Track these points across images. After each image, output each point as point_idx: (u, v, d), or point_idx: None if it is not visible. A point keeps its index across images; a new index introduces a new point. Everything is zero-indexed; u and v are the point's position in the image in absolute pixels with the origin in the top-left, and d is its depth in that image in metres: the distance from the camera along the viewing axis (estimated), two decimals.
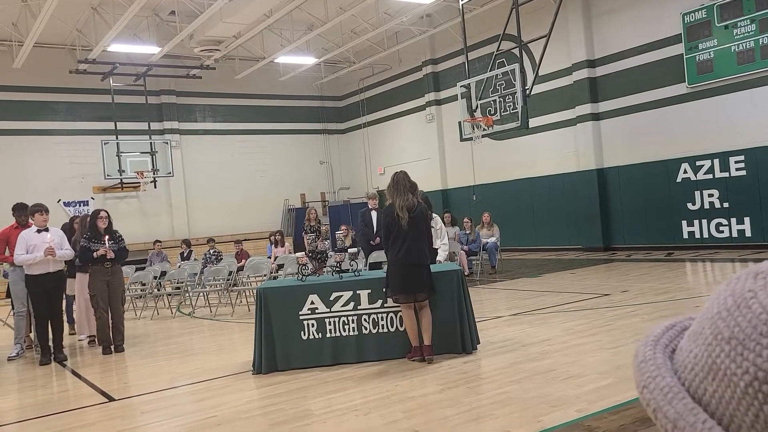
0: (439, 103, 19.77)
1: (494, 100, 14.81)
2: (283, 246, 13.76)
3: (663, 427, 0.51)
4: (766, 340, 0.46)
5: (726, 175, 13.11)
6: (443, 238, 7.71)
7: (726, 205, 13.14)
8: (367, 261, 9.17)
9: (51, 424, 4.89)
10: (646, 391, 0.53)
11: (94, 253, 7.62)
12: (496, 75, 14.42)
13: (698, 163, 13.52)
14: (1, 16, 15.24)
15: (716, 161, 13.23)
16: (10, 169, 17.53)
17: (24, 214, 7.98)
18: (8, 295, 8.25)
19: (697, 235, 13.65)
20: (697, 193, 13.58)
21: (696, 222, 13.66)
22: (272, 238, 14.37)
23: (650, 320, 6.82)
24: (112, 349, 7.76)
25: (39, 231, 7.41)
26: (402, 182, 5.90)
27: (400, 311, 6.01)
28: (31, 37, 14.74)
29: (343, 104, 23.81)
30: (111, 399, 5.57)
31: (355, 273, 6.36)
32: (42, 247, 7.22)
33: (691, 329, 0.55)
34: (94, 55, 16.28)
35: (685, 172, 13.76)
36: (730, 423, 0.48)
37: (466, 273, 10.14)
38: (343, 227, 9.76)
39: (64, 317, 8.17)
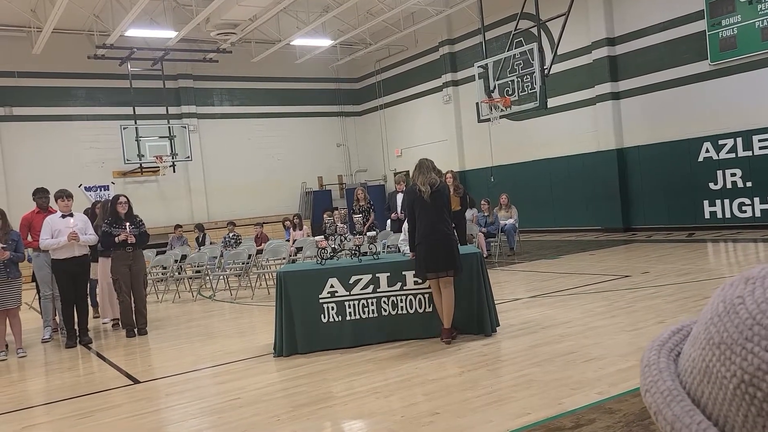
0: (456, 84, 19.61)
1: (512, 81, 14.64)
2: (301, 229, 13.82)
3: (663, 429, 0.53)
4: (750, 345, 0.48)
5: (749, 153, 12.90)
6: None
7: (749, 184, 12.94)
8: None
9: (78, 406, 5.00)
10: (648, 394, 0.55)
11: (116, 238, 7.72)
12: (514, 55, 14.26)
13: (720, 142, 13.31)
14: (20, 3, 15.34)
15: (739, 140, 13.02)
16: (32, 155, 17.75)
17: (44, 197, 8.10)
18: (33, 279, 8.41)
19: (719, 215, 13.48)
20: (720, 173, 13.39)
21: (718, 202, 13.48)
22: (287, 222, 14.43)
23: (672, 302, 6.78)
24: (136, 332, 7.89)
25: (63, 216, 7.51)
26: (426, 164, 6.07)
27: (420, 294, 6.04)
28: (49, 23, 14.83)
29: (360, 86, 23.71)
30: (136, 381, 5.67)
31: (374, 256, 6.39)
32: (66, 232, 7.32)
33: (691, 333, 0.57)
34: (111, 40, 16.35)
35: (707, 151, 13.56)
36: (725, 424, 0.50)
37: (484, 255, 10.14)
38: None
39: (89, 301, 8.30)
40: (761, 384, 0.47)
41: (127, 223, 7.83)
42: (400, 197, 10.20)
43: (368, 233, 6.71)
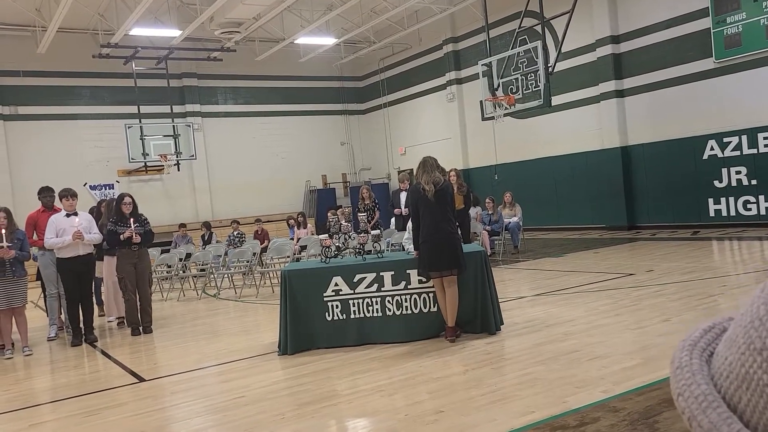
0: (460, 82, 19.59)
1: (516, 79, 14.62)
2: (305, 227, 13.84)
3: None
4: None
5: (754, 151, 12.86)
6: None
7: (754, 182, 12.90)
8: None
9: (84, 404, 5.02)
10: (681, 399, 0.53)
11: (121, 236, 7.75)
12: (518, 53, 14.23)
13: (725, 139, 13.26)
14: (25, 2, 15.38)
15: (744, 138, 12.97)
16: (37, 154, 17.80)
17: (49, 196, 8.14)
18: (38, 277, 8.45)
19: (724, 213, 13.44)
20: (724, 170, 13.35)
21: (723, 200, 13.45)
22: (291, 220, 14.45)
23: (676, 300, 6.77)
24: (141, 330, 7.92)
25: (68, 215, 7.54)
26: (429, 163, 6.06)
27: (424, 293, 6.05)
28: (54, 22, 14.86)
29: (364, 84, 23.71)
30: (141, 379, 5.69)
31: (378, 255, 6.40)
32: (70, 231, 7.36)
33: (727, 334, 0.54)
34: (116, 39, 16.38)
35: (712, 149, 13.52)
36: None
37: (488, 253, 10.14)
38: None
39: (94, 299, 8.34)
40: None
41: (132, 219, 7.86)
42: (403, 195, 10.23)
43: (372, 232, 6.72)
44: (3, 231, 6.93)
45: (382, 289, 6.07)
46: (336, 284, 6.06)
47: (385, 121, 22.68)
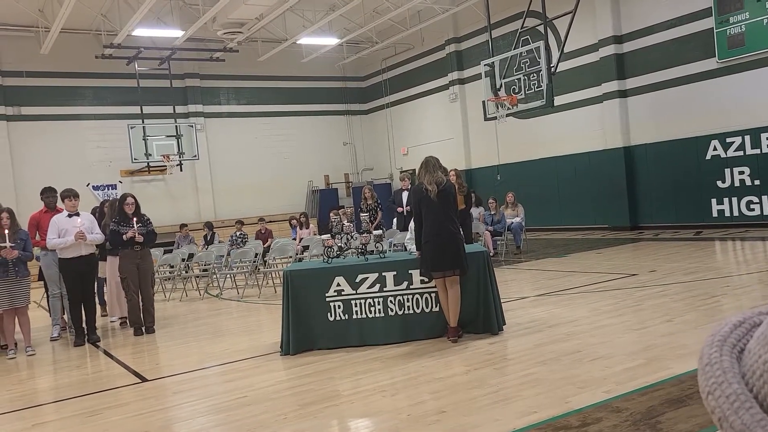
0: (462, 82, 19.59)
1: (519, 79, 14.60)
2: (308, 228, 13.85)
3: None
4: None
5: (757, 151, 12.83)
6: None
7: (757, 182, 12.87)
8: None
9: (87, 404, 5.03)
10: (711, 398, 0.50)
11: (123, 236, 7.76)
12: (521, 53, 14.22)
13: (728, 139, 13.24)
14: (28, 3, 15.41)
15: (747, 138, 12.95)
16: (40, 154, 17.84)
17: (52, 197, 8.16)
18: (40, 277, 8.46)
19: (727, 213, 13.42)
20: (727, 171, 13.32)
21: (726, 200, 13.42)
22: (294, 220, 14.46)
23: (679, 300, 6.76)
24: (143, 330, 7.92)
25: (70, 215, 7.56)
26: (432, 162, 6.05)
27: (426, 293, 6.05)
28: (57, 23, 14.90)
29: (366, 85, 23.71)
30: (144, 379, 5.70)
31: (381, 255, 6.39)
32: (73, 231, 7.36)
33: (761, 331, 0.52)
34: (119, 39, 16.41)
35: (715, 149, 13.49)
36: None
37: (491, 253, 10.13)
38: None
39: (96, 299, 8.35)
40: None
41: (134, 219, 7.87)
42: (405, 195, 10.25)
43: (375, 232, 6.72)
44: (6, 231, 6.95)
45: (384, 289, 6.07)
46: (338, 284, 6.06)
47: (387, 121, 22.69)
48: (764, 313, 0.54)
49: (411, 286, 6.07)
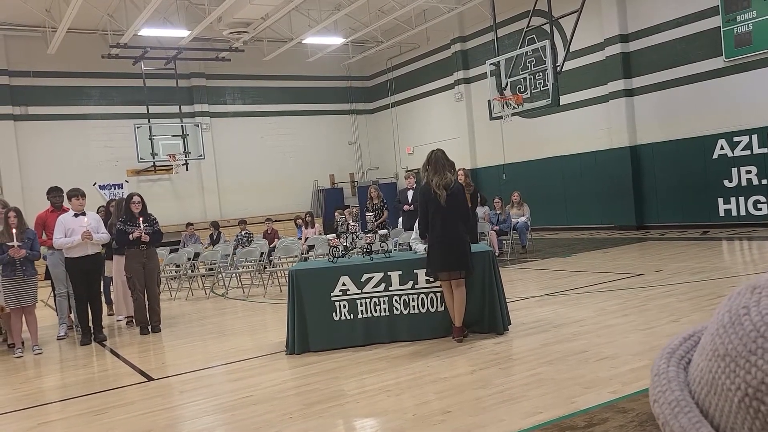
0: (468, 81, 19.56)
1: (524, 78, 14.55)
2: (313, 227, 13.85)
3: None
4: (754, 358, 0.47)
5: (765, 151, 12.76)
6: None
7: (764, 182, 12.81)
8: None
9: (93, 403, 5.05)
10: (656, 405, 0.54)
11: (129, 236, 7.79)
12: (526, 52, 14.17)
13: (735, 139, 13.18)
14: (35, 3, 15.48)
15: (754, 137, 12.88)
16: (47, 154, 17.92)
17: (58, 196, 8.19)
18: (47, 277, 8.50)
19: (734, 213, 13.36)
20: (734, 170, 13.26)
21: (733, 199, 13.36)
22: (299, 220, 14.46)
23: (685, 300, 6.73)
24: (149, 329, 7.95)
25: (76, 215, 7.59)
26: (440, 160, 5.93)
27: (432, 293, 6.04)
28: (64, 23, 14.95)
29: (371, 84, 23.71)
30: (150, 378, 5.72)
31: (386, 254, 6.39)
32: (79, 230, 7.40)
33: (701, 342, 0.56)
34: (125, 39, 16.46)
35: (722, 148, 13.43)
36: None
37: (496, 253, 10.12)
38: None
39: (103, 298, 8.38)
40: (765, 398, 0.46)
41: (141, 219, 7.89)
42: (410, 193, 10.24)
43: (380, 231, 6.71)
44: (14, 230, 6.98)
45: (390, 288, 6.07)
46: (343, 284, 6.06)
47: (392, 120, 22.68)
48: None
49: (416, 286, 6.07)
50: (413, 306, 6.07)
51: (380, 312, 6.06)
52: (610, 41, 15.23)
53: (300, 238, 13.35)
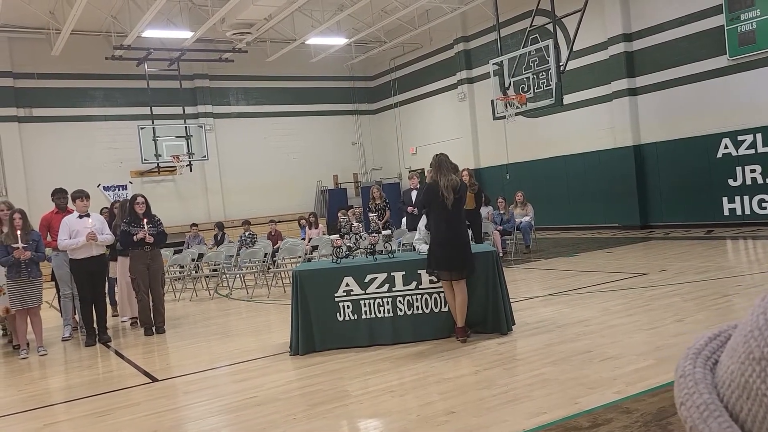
0: (471, 81, 19.55)
1: (527, 77, 14.56)
2: (317, 228, 13.86)
3: None
4: None
5: None
6: None
7: None
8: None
9: (98, 404, 5.06)
10: (683, 408, 0.53)
11: (134, 237, 7.81)
12: (530, 51, 14.18)
13: (740, 138, 13.14)
14: (39, 5, 15.53)
15: (759, 136, 12.84)
16: (51, 156, 17.97)
17: (63, 198, 8.21)
18: (52, 278, 8.53)
19: (739, 212, 13.32)
20: (739, 169, 13.22)
21: (737, 198, 13.32)
22: (302, 220, 14.47)
23: (690, 300, 6.72)
24: (154, 330, 7.96)
25: (81, 216, 7.61)
26: (445, 163, 6.01)
27: (435, 293, 6.04)
28: (67, 24, 15.00)
29: (375, 84, 23.71)
30: (154, 379, 5.73)
31: (389, 255, 6.39)
32: (84, 232, 7.42)
33: (730, 342, 0.54)
34: (129, 41, 16.50)
35: (726, 147, 13.39)
36: None
37: (500, 253, 10.11)
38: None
39: (107, 300, 8.40)
40: None
41: (145, 221, 7.91)
42: (414, 194, 10.28)
43: (383, 231, 6.71)
44: (19, 232, 7.00)
45: (393, 289, 6.07)
46: (347, 284, 6.07)
47: (396, 120, 22.68)
48: (737, 326, 0.56)
49: (420, 286, 6.07)
50: (417, 306, 6.07)
51: (384, 312, 6.06)
52: (614, 40, 15.20)
53: (303, 239, 13.36)
